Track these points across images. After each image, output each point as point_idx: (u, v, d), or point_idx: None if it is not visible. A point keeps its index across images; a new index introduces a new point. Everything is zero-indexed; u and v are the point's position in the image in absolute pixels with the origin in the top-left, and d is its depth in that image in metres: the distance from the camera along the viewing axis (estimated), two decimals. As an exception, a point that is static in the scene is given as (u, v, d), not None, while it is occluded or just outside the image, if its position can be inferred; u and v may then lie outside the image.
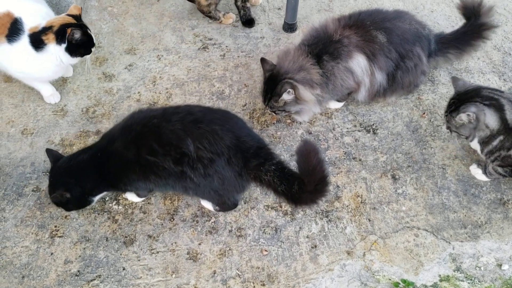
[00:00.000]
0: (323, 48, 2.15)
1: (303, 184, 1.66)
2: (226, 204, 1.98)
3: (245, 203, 2.06)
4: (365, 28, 2.19)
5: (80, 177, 1.84)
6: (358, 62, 2.17)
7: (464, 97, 1.94)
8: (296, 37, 2.76)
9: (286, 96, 2.12)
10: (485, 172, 2.08)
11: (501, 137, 1.88)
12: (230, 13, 2.88)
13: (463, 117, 1.89)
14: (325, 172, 1.65)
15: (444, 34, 2.48)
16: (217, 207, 2.00)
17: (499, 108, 1.86)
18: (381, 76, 2.23)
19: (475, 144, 2.07)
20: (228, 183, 1.80)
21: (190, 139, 1.69)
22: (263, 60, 2.18)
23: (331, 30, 2.20)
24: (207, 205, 2.02)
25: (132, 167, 1.78)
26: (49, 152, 1.93)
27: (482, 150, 2.01)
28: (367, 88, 2.26)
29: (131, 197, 2.03)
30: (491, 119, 1.87)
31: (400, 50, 2.21)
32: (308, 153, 1.67)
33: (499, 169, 1.99)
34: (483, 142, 1.96)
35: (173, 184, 1.80)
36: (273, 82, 2.13)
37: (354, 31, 2.18)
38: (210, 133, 1.71)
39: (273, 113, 2.28)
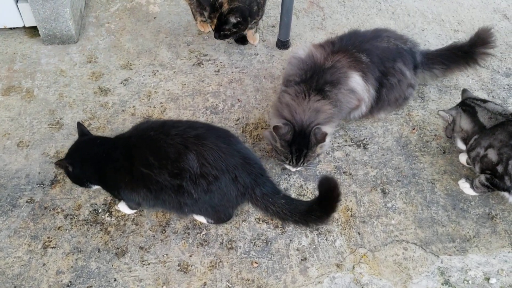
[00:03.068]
0: (320, 79, 2.15)
1: (324, 210, 1.77)
2: (221, 219, 2.01)
3: (236, 216, 2.08)
4: (349, 51, 2.25)
5: (85, 163, 1.87)
6: (356, 80, 2.20)
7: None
8: (289, 54, 2.80)
9: (328, 140, 2.09)
10: (472, 186, 2.12)
11: (476, 136, 2.06)
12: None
13: (441, 113, 2.20)
14: (340, 197, 1.76)
15: (430, 50, 2.55)
16: (211, 220, 2.02)
17: (472, 114, 2.09)
18: (373, 92, 2.28)
19: (463, 158, 2.24)
20: (228, 200, 1.84)
21: (193, 155, 1.72)
22: (276, 127, 2.02)
23: (320, 59, 2.22)
24: (200, 218, 2.03)
25: (123, 176, 1.81)
26: (79, 125, 1.98)
27: (469, 156, 2.12)
28: (366, 104, 2.30)
29: (124, 208, 2.05)
30: (465, 122, 2.11)
31: (381, 69, 2.26)
32: (333, 187, 1.73)
33: (483, 179, 2.04)
34: (466, 145, 2.14)
35: (166, 198, 1.81)
36: (303, 138, 2.04)
37: (341, 55, 2.22)
38: (216, 150, 1.74)
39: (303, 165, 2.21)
